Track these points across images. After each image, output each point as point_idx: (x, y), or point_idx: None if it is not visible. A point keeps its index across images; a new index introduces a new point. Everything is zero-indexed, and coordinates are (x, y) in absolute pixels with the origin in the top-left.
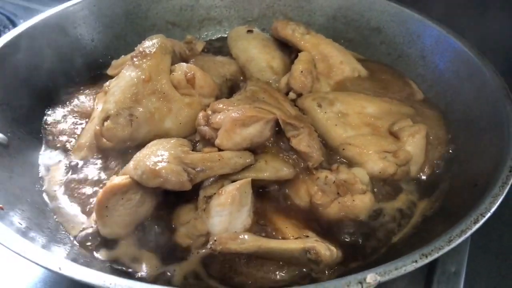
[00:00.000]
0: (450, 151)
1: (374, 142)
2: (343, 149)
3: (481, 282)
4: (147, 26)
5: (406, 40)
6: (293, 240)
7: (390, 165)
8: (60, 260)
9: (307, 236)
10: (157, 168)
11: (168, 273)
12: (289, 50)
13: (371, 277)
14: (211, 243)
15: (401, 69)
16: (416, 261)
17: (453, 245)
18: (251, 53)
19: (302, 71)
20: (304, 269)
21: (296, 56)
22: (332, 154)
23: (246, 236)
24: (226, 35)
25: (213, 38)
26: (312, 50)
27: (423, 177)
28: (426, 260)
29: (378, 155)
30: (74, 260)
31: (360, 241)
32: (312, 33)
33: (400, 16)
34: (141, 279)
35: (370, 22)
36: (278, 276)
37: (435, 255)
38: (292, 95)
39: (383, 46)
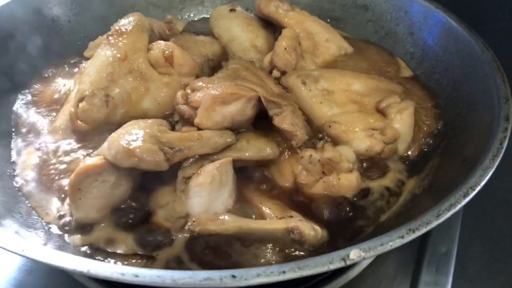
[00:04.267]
0: (439, 127)
1: (360, 119)
2: (329, 126)
3: (474, 265)
4: (126, 7)
5: (393, 17)
6: (276, 220)
7: (377, 143)
8: (23, 243)
9: (291, 217)
10: (131, 147)
11: (149, 259)
12: (273, 29)
13: (355, 253)
14: (189, 224)
15: (389, 47)
16: (402, 236)
17: (441, 219)
18: (234, 32)
19: (286, 48)
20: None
21: (280, 34)
22: (317, 132)
23: (226, 217)
24: (208, 16)
25: (195, 19)
26: (296, 27)
27: (411, 155)
28: (413, 235)
29: (364, 132)
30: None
31: (347, 220)
32: (297, 9)
33: None
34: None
35: (357, 0)
36: (264, 258)
37: (423, 230)
38: (276, 73)
39: (370, 24)
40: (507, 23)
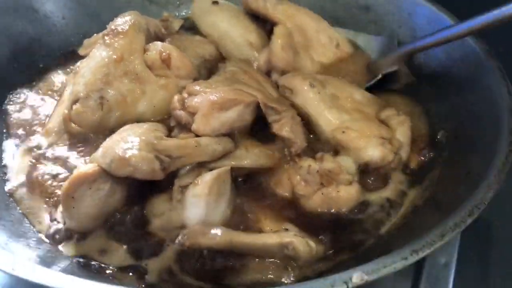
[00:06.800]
0: (438, 137)
1: (372, 127)
2: (343, 132)
3: (470, 270)
4: (122, 3)
5: (396, 18)
6: (270, 235)
7: (389, 152)
8: (14, 260)
9: (287, 229)
10: (126, 156)
11: (141, 269)
12: (262, 21)
13: (358, 276)
14: (180, 237)
15: None
16: (406, 258)
17: (446, 239)
18: (222, 28)
19: (282, 47)
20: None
21: (271, 29)
22: (317, 141)
23: (218, 230)
24: None
25: None
26: (287, 22)
27: (412, 165)
28: (417, 257)
29: (377, 140)
30: (38, 256)
31: (346, 233)
32: (285, 1)
33: None
34: (109, 276)
35: (359, 0)
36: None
37: (427, 251)
38: (276, 76)
39: (372, 25)
40: None
